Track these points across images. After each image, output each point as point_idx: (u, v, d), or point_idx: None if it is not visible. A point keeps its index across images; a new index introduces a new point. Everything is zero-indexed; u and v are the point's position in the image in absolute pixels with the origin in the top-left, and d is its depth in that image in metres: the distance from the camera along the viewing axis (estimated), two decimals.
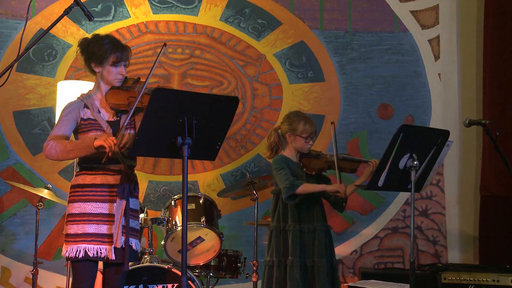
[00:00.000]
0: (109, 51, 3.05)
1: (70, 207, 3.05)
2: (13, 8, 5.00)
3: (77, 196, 3.04)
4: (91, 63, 3.09)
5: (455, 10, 5.35)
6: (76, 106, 3.09)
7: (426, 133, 3.42)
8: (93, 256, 2.98)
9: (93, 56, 3.07)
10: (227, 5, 5.23)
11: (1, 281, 4.80)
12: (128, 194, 3.05)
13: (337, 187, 3.68)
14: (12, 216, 4.88)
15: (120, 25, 5.11)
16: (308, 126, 3.79)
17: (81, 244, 2.98)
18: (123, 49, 3.10)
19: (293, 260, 3.68)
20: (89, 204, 3.01)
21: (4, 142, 4.91)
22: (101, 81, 3.12)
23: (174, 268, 3.83)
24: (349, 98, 5.27)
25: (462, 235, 5.21)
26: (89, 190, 3.03)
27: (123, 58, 3.08)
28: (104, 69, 3.07)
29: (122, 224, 3.02)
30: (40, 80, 5.01)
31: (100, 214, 3.01)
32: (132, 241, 3.07)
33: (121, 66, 3.08)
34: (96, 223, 3.00)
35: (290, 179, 3.67)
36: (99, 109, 3.09)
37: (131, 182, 3.09)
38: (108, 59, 3.05)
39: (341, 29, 5.31)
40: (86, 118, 3.06)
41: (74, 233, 3.00)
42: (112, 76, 3.08)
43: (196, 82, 5.16)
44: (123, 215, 3.02)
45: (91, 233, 2.99)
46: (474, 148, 5.23)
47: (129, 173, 3.08)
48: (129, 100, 3.04)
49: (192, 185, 5.03)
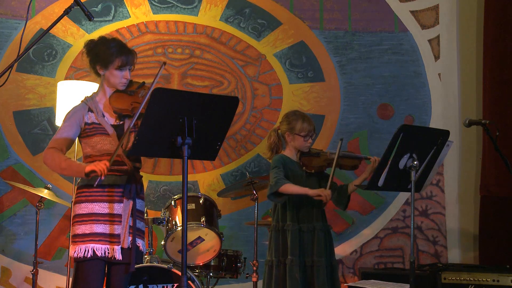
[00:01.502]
0: (115, 54, 3.05)
1: (77, 207, 3.06)
2: (13, 8, 5.01)
3: (84, 197, 3.05)
4: (96, 65, 3.10)
5: (455, 10, 5.35)
6: (80, 110, 3.09)
7: (426, 133, 3.42)
8: (101, 255, 2.98)
9: (98, 58, 3.07)
10: (227, 5, 5.23)
11: (1, 281, 4.80)
12: (135, 195, 3.06)
13: (319, 191, 3.65)
14: (12, 216, 4.88)
15: (120, 25, 5.11)
16: (306, 124, 3.79)
17: (89, 243, 2.98)
18: (129, 53, 3.10)
19: (292, 260, 3.68)
20: (96, 204, 3.02)
21: (4, 142, 4.91)
22: (106, 84, 3.12)
23: (174, 268, 3.83)
24: (349, 98, 5.27)
25: (462, 235, 5.21)
26: (96, 191, 3.03)
27: (128, 62, 3.08)
28: (109, 72, 3.07)
29: (129, 224, 3.03)
30: (40, 80, 5.01)
31: (107, 214, 3.02)
32: (139, 241, 3.08)
33: (126, 70, 3.09)
34: (103, 223, 3.01)
35: (277, 178, 3.68)
36: (103, 112, 3.09)
37: (138, 183, 3.10)
38: (113, 62, 3.05)
39: (341, 29, 5.31)
40: (90, 123, 3.06)
41: (82, 233, 3.01)
42: (117, 79, 3.08)
43: (196, 82, 5.16)
44: (130, 215, 3.03)
45: (99, 232, 3.00)
46: (474, 148, 5.23)
47: (135, 174, 3.09)
48: (132, 106, 3.04)
49: (192, 185, 5.04)
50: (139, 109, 2.93)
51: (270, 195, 3.72)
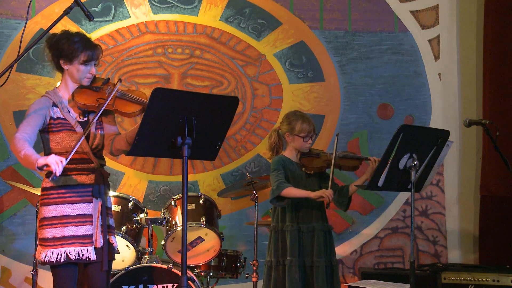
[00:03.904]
0: (80, 49, 3.00)
1: (45, 210, 2.98)
2: (13, 8, 5.00)
3: (52, 199, 2.98)
4: (59, 60, 3.03)
5: (455, 10, 5.35)
6: (46, 103, 3.01)
7: (426, 133, 3.42)
8: (74, 258, 2.93)
9: (62, 53, 3.01)
10: (227, 5, 5.23)
11: (1, 281, 4.80)
12: (104, 193, 3.04)
13: (320, 193, 3.65)
14: (12, 216, 4.87)
15: (120, 25, 5.10)
16: (305, 125, 3.78)
17: (61, 247, 2.93)
18: (94, 48, 3.05)
19: (291, 260, 3.68)
20: (66, 206, 2.96)
21: (4, 142, 4.91)
22: (69, 79, 3.06)
23: (174, 268, 3.83)
24: (349, 98, 5.27)
25: (462, 235, 5.21)
26: (64, 192, 2.98)
27: (94, 57, 3.03)
28: (73, 66, 3.02)
29: (100, 223, 3.01)
30: (40, 80, 5.00)
31: (78, 215, 2.97)
32: (113, 238, 3.07)
33: (91, 65, 3.04)
34: (75, 225, 2.96)
35: (279, 181, 3.67)
36: (68, 108, 3.05)
37: (106, 181, 3.07)
38: (78, 57, 3.00)
39: (341, 29, 5.31)
40: (56, 117, 3.01)
41: (53, 236, 2.94)
42: (82, 74, 3.03)
43: (196, 82, 5.16)
44: (100, 214, 3.01)
45: (71, 235, 2.95)
46: (474, 148, 5.23)
47: (102, 172, 3.06)
48: (98, 102, 2.99)
49: (192, 185, 5.03)
50: (103, 105, 2.91)
51: (272, 200, 3.70)
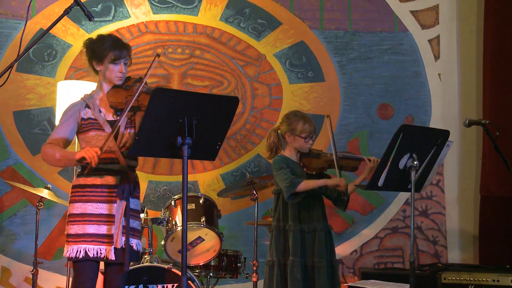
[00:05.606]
0: (108, 48, 3.08)
1: (71, 207, 3.07)
2: (13, 8, 5.01)
3: (77, 197, 3.06)
4: (93, 62, 3.13)
5: (455, 10, 5.35)
6: (77, 106, 3.13)
7: (426, 133, 3.42)
8: (93, 256, 2.99)
9: (94, 54, 3.11)
10: (227, 5, 5.23)
11: (1, 281, 4.80)
12: (128, 195, 3.06)
13: (337, 181, 3.68)
14: (12, 216, 4.88)
15: (120, 25, 5.11)
16: (307, 125, 3.78)
17: (81, 244, 2.99)
18: (122, 47, 3.12)
19: (293, 260, 3.68)
20: (89, 204, 3.03)
21: (4, 142, 4.91)
22: (103, 80, 3.15)
23: (174, 268, 3.83)
24: (349, 98, 5.27)
25: (462, 235, 5.21)
26: (89, 191, 3.04)
27: (122, 56, 3.10)
28: (104, 67, 3.10)
29: (123, 224, 3.03)
30: (40, 80, 5.01)
31: (100, 214, 3.02)
32: (133, 241, 3.08)
33: (120, 63, 3.10)
34: (96, 224, 3.01)
35: (290, 178, 3.67)
36: (99, 108, 3.11)
37: (131, 182, 3.09)
38: (107, 56, 3.08)
39: (341, 29, 5.31)
40: (86, 118, 3.09)
41: (75, 233, 3.02)
42: (112, 73, 3.10)
43: (196, 82, 5.16)
44: (123, 215, 3.03)
45: (91, 233, 3.01)
46: (474, 148, 5.23)
47: (129, 174, 3.08)
48: (127, 99, 3.04)
49: (192, 185, 5.03)
50: (131, 101, 2.94)
51: (289, 197, 3.70)
